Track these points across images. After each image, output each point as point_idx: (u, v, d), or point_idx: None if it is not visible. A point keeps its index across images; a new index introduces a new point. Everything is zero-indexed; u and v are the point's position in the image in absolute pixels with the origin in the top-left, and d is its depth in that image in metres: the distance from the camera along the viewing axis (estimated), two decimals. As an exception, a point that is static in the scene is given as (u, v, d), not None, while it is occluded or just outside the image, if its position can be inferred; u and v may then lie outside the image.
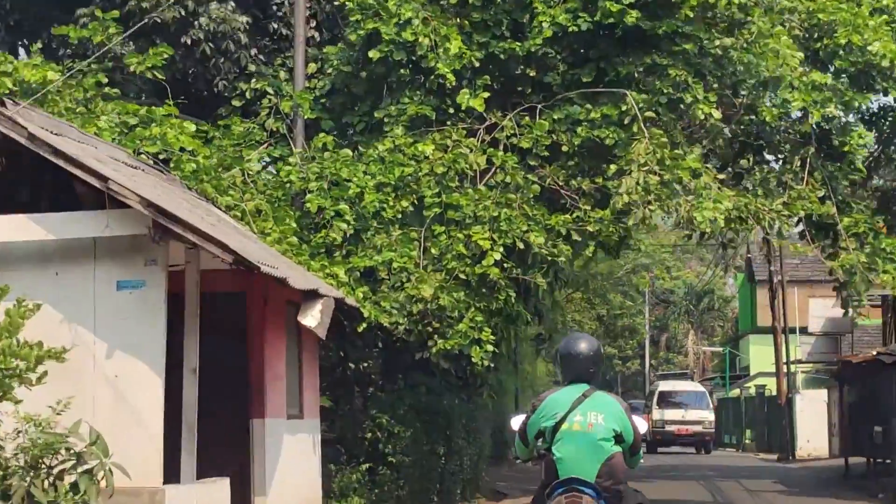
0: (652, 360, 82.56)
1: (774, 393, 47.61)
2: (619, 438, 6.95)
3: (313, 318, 12.23)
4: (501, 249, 15.05)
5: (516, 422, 7.39)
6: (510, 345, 29.45)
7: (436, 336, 15.15)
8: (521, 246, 15.24)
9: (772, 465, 35.55)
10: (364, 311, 14.25)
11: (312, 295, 12.39)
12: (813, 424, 39.48)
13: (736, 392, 52.46)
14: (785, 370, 38.99)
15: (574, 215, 15.73)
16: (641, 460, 7.29)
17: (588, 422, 6.88)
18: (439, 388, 20.04)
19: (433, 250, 15.09)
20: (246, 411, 12.80)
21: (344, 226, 14.91)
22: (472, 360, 15.45)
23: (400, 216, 15.15)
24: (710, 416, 44.57)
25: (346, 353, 19.14)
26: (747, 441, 50.43)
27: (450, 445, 19.52)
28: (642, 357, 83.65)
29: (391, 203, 15.10)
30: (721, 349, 57.27)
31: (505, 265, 15.25)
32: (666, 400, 44.48)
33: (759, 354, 56.08)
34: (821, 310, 38.38)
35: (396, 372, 20.36)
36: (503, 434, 33.47)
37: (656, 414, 43.28)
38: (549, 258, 15.63)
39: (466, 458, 20.75)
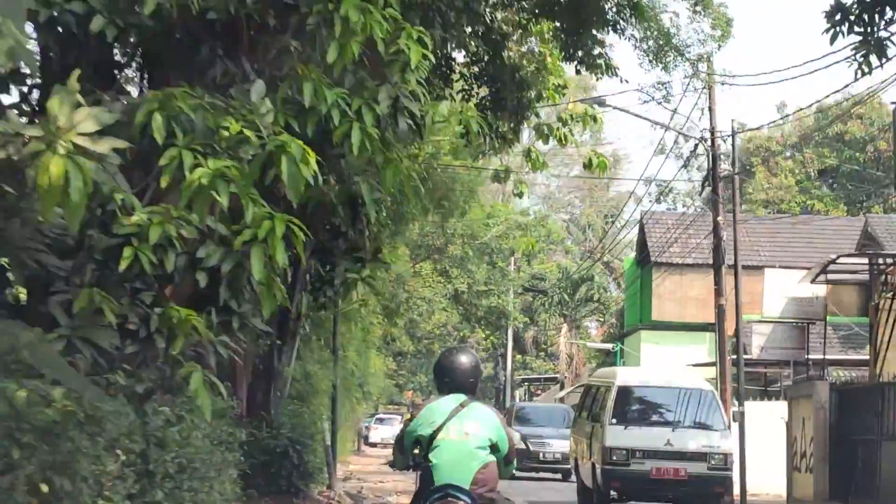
0: (501, 368, 70.30)
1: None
2: (494, 448, 7.08)
3: None
4: None
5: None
6: (326, 298, 17.76)
7: None
8: None
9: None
10: None
11: None
12: (756, 452, 27.23)
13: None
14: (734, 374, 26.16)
15: None
16: (514, 470, 7.43)
17: (464, 431, 6.98)
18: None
19: None
20: None
21: None
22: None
23: None
24: (724, 443, 21.33)
25: None
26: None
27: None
28: (499, 358, 71.17)
29: None
30: (611, 346, 44.73)
31: None
32: (632, 408, 21.67)
33: (653, 355, 44.40)
34: (782, 286, 26.31)
35: None
36: (308, 458, 20.30)
37: (609, 436, 20.63)
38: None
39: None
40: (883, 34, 15.03)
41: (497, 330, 64.90)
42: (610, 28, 15.86)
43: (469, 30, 14.63)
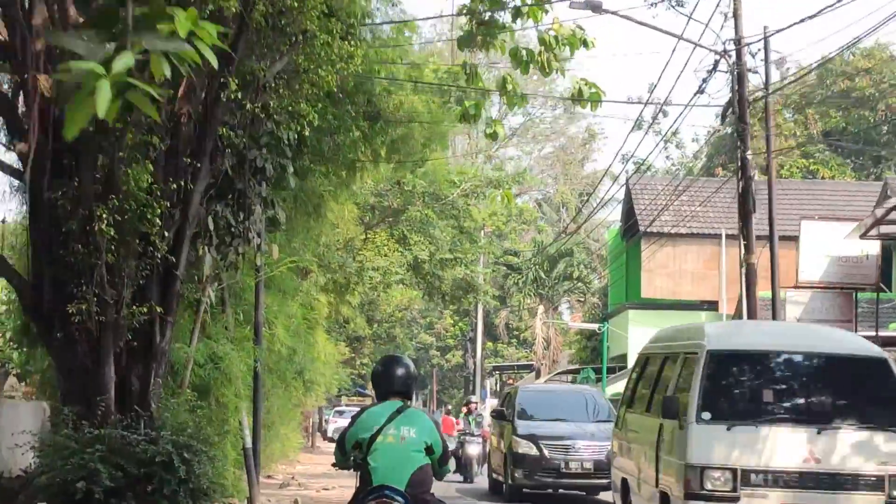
0: (471, 356, 64.91)
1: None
2: (429, 451, 7.37)
3: None
4: None
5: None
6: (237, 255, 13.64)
7: None
8: None
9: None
10: None
11: None
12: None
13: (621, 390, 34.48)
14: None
15: None
16: (449, 471, 7.68)
17: (401, 435, 7.31)
18: None
19: None
20: None
21: None
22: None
23: None
24: None
25: None
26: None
27: None
28: (469, 344, 65.78)
29: None
30: (597, 326, 39.07)
31: None
32: (737, 392, 11.96)
33: (642, 337, 38.93)
34: (823, 238, 20.80)
35: None
36: (203, 468, 14.57)
37: (697, 446, 11.28)
38: None
39: None
40: None
41: (465, 316, 59.35)
42: None
43: None
